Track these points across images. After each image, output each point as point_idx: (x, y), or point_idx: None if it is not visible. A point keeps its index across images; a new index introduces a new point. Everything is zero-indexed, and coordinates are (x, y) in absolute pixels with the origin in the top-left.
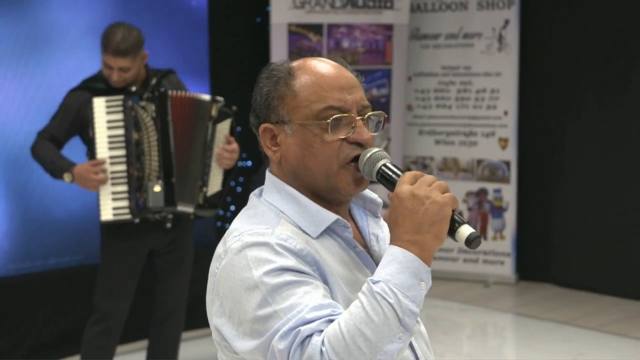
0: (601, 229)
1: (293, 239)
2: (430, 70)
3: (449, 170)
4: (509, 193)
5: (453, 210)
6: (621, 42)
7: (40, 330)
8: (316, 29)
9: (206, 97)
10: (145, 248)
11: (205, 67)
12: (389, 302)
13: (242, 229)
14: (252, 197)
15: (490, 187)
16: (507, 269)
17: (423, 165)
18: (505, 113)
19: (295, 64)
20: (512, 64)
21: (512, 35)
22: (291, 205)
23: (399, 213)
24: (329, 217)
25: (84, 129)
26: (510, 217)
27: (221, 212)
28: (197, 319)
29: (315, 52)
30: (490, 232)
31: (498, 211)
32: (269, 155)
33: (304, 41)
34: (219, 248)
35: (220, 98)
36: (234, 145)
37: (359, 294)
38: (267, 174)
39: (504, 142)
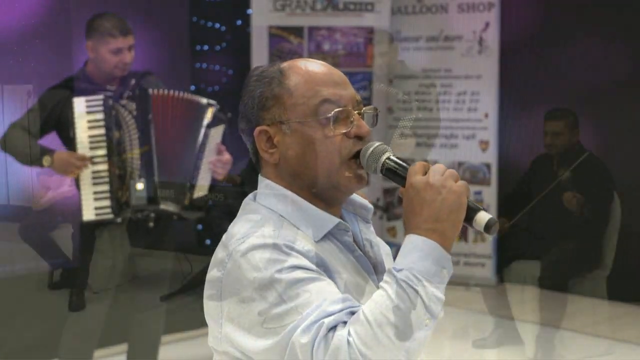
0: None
1: (300, 241)
2: (410, 72)
3: None
4: (489, 195)
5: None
6: (602, 46)
7: (23, 332)
8: (297, 31)
9: (202, 100)
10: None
11: (186, 69)
12: (414, 289)
13: (245, 232)
14: (248, 202)
15: (471, 189)
16: (487, 271)
17: None
18: (486, 115)
19: (284, 64)
20: (493, 67)
21: (493, 38)
22: (290, 209)
23: (416, 203)
24: (331, 220)
25: (60, 128)
26: None
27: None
28: (189, 321)
29: (296, 55)
30: (471, 235)
31: None
32: (265, 159)
33: (284, 44)
34: (220, 254)
35: (214, 102)
36: (228, 156)
37: (382, 284)
38: (261, 178)
39: (484, 145)
